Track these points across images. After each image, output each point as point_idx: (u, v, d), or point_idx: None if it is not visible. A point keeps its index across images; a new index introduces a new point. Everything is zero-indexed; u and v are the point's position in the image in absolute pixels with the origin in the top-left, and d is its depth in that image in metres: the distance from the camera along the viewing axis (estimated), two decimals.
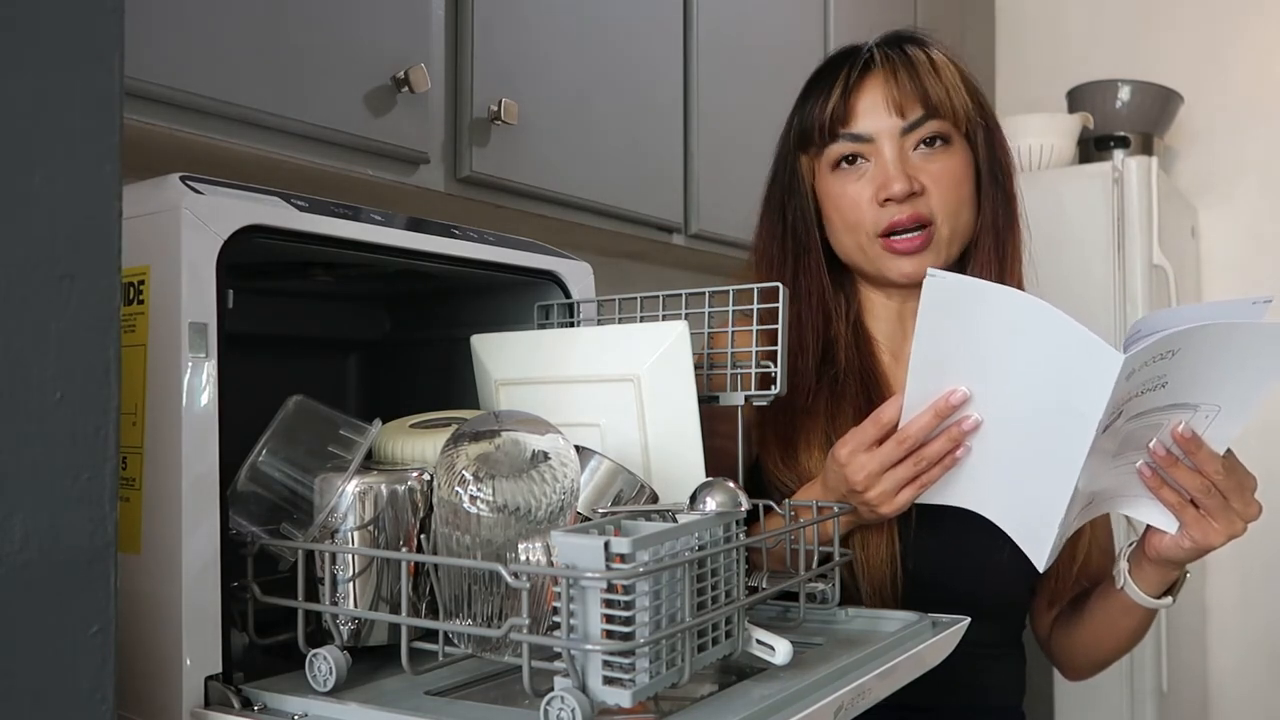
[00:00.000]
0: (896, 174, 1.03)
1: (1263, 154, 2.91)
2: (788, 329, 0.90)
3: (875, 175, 1.05)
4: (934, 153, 1.06)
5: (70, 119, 0.50)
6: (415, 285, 1.07)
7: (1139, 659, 2.40)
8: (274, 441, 0.80)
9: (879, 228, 1.05)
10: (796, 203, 1.11)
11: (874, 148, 1.05)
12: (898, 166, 1.04)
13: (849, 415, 1.06)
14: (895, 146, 1.05)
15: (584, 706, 0.60)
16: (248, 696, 0.71)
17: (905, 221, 1.04)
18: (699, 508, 0.76)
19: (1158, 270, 2.48)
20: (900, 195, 1.03)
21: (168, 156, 1.07)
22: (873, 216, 1.05)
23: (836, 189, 1.08)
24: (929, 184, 1.05)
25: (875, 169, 1.05)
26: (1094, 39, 3.09)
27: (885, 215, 1.04)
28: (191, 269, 0.72)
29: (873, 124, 1.05)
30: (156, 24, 0.98)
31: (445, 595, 0.74)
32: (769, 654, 0.73)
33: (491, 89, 1.33)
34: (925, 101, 1.05)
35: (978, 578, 1.06)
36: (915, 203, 1.04)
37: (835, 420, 1.07)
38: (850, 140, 1.06)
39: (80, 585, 0.50)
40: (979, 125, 1.08)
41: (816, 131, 1.08)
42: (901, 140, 1.05)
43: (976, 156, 1.09)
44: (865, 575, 1.02)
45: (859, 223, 1.06)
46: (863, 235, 1.07)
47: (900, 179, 1.03)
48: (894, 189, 1.03)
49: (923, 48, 1.08)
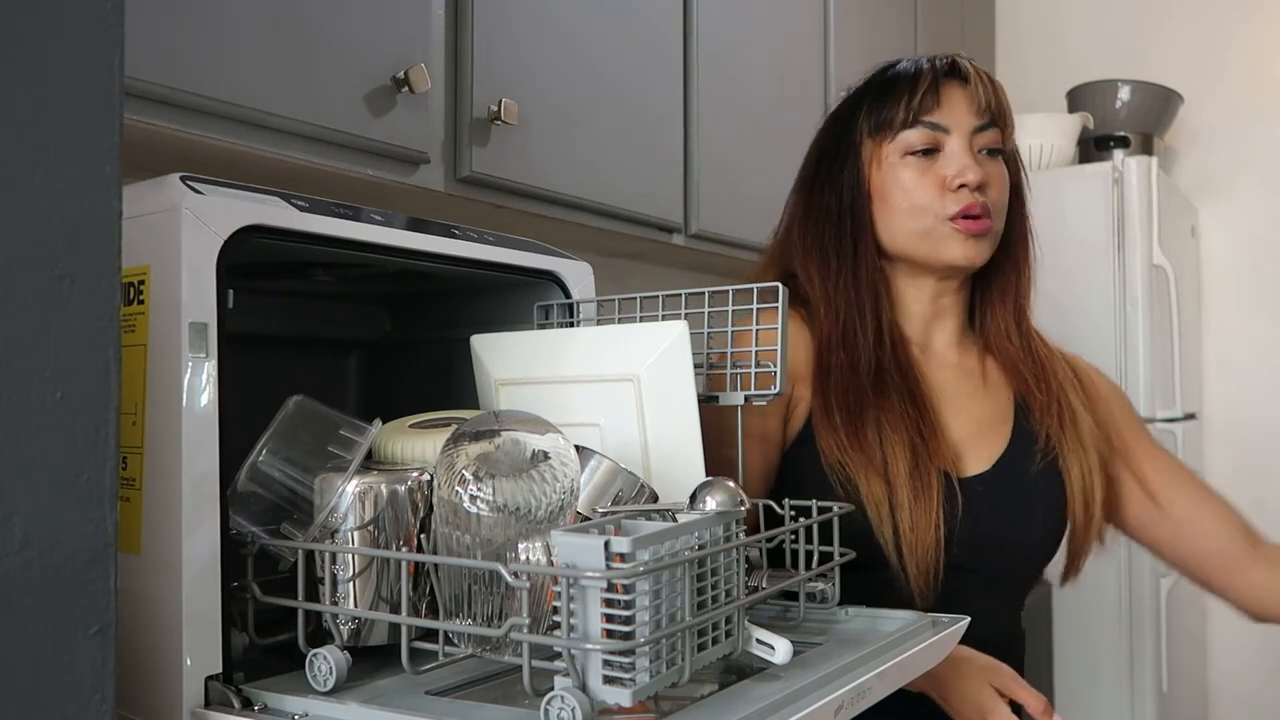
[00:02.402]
0: (973, 164, 1.12)
1: (1263, 154, 2.91)
2: (786, 329, 0.91)
3: (950, 163, 1.13)
4: (993, 159, 1.16)
5: (70, 119, 0.50)
6: (415, 285, 1.07)
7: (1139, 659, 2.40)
8: (274, 441, 0.80)
9: (951, 211, 1.12)
10: (855, 184, 1.17)
11: (948, 139, 1.14)
12: (970, 159, 1.13)
13: (895, 403, 1.10)
14: (966, 142, 1.14)
15: (584, 706, 0.60)
16: (248, 696, 0.71)
17: (977, 207, 1.12)
18: (699, 507, 0.76)
19: (1158, 270, 2.48)
20: (975, 183, 1.11)
21: (168, 156, 1.07)
22: (944, 199, 1.12)
23: (906, 174, 1.14)
24: (989, 183, 1.14)
25: (949, 158, 1.13)
26: (1094, 39, 3.09)
27: (960, 199, 1.12)
28: (191, 269, 0.72)
29: (952, 118, 1.14)
30: (156, 24, 0.98)
31: (445, 595, 0.74)
32: (769, 653, 0.73)
33: (491, 89, 1.33)
34: (996, 110, 1.15)
35: (1015, 559, 1.14)
36: (983, 194, 1.13)
37: (883, 408, 1.10)
38: (929, 128, 1.14)
39: (80, 585, 0.50)
40: (1014, 145, 1.20)
41: (900, 116, 1.14)
42: (971, 139, 1.14)
43: (1012, 172, 1.19)
44: (912, 556, 1.06)
45: (929, 205, 1.13)
46: (930, 217, 1.13)
47: (976, 170, 1.12)
48: (970, 176, 1.11)
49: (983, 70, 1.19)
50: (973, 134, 1.14)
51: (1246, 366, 2.91)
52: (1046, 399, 1.17)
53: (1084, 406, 1.19)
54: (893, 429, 1.09)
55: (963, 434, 1.15)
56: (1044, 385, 1.17)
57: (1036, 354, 1.20)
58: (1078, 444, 1.16)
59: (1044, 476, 1.15)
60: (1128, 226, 2.47)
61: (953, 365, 1.19)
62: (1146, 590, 2.41)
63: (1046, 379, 1.18)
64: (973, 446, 1.15)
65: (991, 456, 1.15)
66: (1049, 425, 1.16)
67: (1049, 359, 1.20)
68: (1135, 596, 2.42)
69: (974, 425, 1.16)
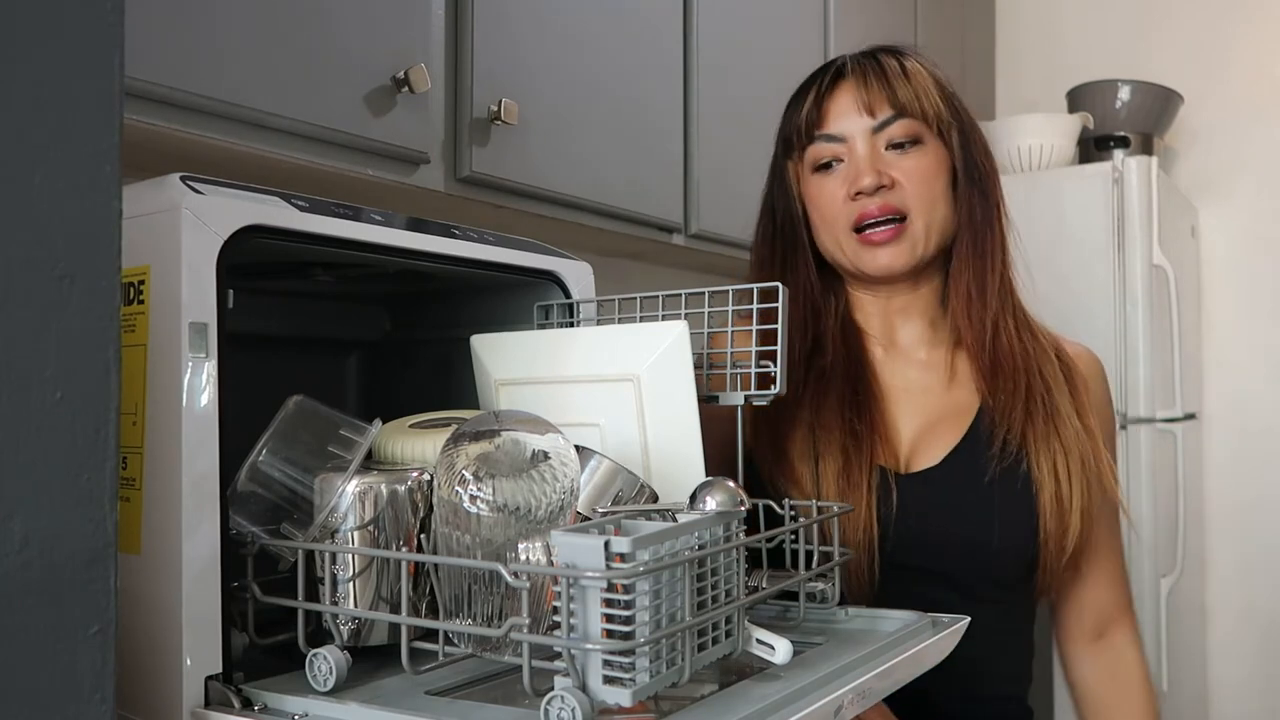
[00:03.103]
0: (866, 169, 1.08)
1: (1263, 154, 2.91)
2: (787, 329, 0.91)
3: (848, 172, 1.10)
4: (906, 152, 1.10)
5: (70, 119, 0.50)
6: (415, 285, 1.07)
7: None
8: (274, 441, 0.80)
9: (851, 221, 1.10)
10: (785, 206, 1.17)
11: (848, 148, 1.11)
12: (867, 162, 1.09)
13: (833, 405, 1.10)
14: (867, 145, 1.10)
15: (584, 706, 0.60)
16: (248, 696, 0.71)
17: (875, 213, 1.08)
18: (699, 507, 0.76)
19: (1158, 270, 2.48)
20: (869, 188, 1.08)
21: (168, 156, 1.07)
22: (846, 211, 1.10)
23: (815, 189, 1.13)
24: (901, 179, 1.09)
25: (848, 166, 1.10)
26: (1094, 39, 3.09)
27: (856, 208, 1.09)
28: (191, 269, 0.72)
29: (845, 125, 1.11)
30: (156, 24, 0.98)
31: (445, 595, 0.74)
32: (769, 653, 0.73)
33: (491, 89, 1.33)
34: (894, 103, 1.10)
35: (974, 562, 1.09)
36: (886, 196, 1.09)
37: (820, 411, 1.10)
38: (825, 141, 1.12)
39: (80, 585, 0.50)
40: (952, 126, 1.12)
41: (795, 135, 1.14)
42: (873, 139, 1.10)
43: (953, 157, 1.13)
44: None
45: (835, 218, 1.11)
46: (839, 230, 1.11)
47: (869, 173, 1.08)
48: (863, 182, 1.08)
49: (896, 56, 1.13)
50: (873, 134, 1.10)
51: (1246, 366, 2.91)
52: (1009, 400, 1.10)
53: (1075, 409, 1.13)
54: (825, 432, 1.08)
55: (915, 430, 1.13)
56: (1008, 385, 1.11)
57: (1003, 350, 1.12)
58: (1056, 448, 1.09)
59: (1006, 479, 1.09)
60: (1128, 226, 2.47)
61: (920, 361, 1.17)
62: (1146, 590, 2.40)
63: (1013, 377, 1.11)
64: (925, 442, 1.12)
65: (942, 452, 1.11)
66: (1008, 427, 1.10)
67: (1025, 355, 1.13)
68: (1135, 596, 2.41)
69: (928, 421, 1.13)
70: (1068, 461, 1.09)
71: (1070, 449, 1.10)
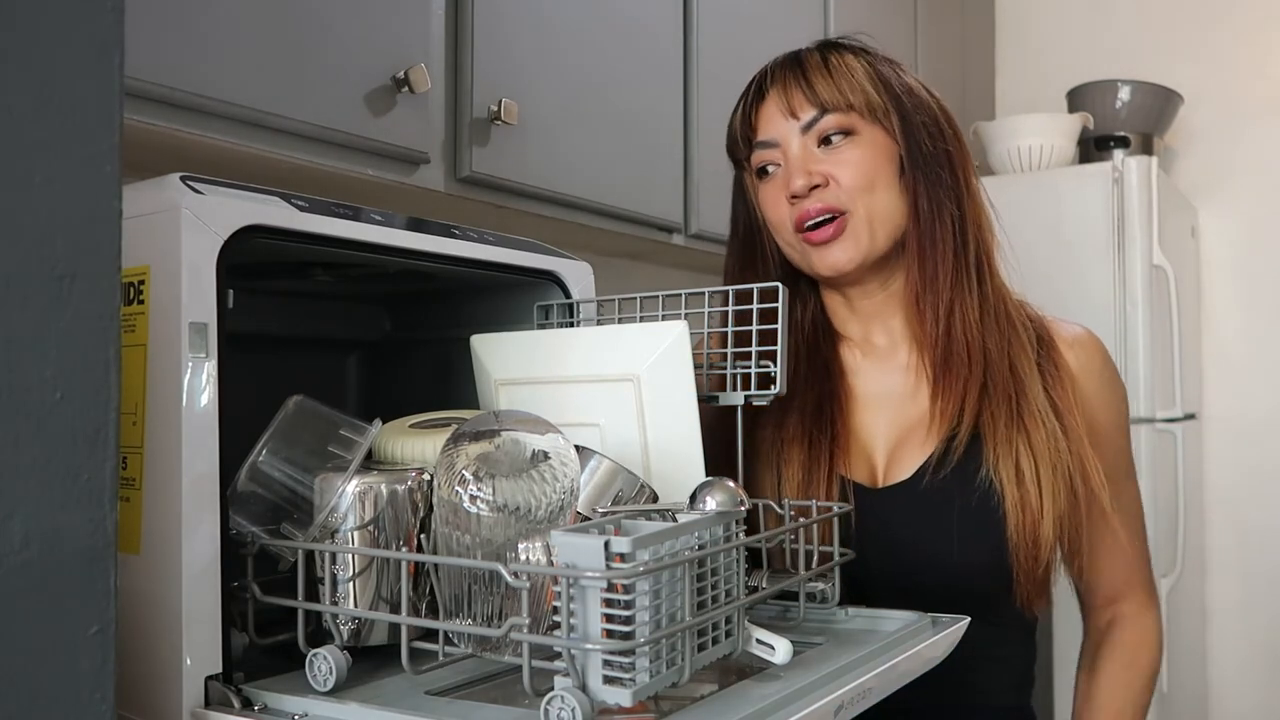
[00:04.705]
0: (796, 170, 1.07)
1: (1263, 154, 2.91)
2: (787, 329, 0.91)
3: (783, 176, 1.09)
4: (839, 145, 1.08)
5: (70, 119, 0.50)
6: (415, 285, 1.07)
7: None
8: (274, 441, 0.80)
9: (794, 223, 1.09)
10: (745, 216, 1.17)
11: (781, 152, 1.10)
12: (798, 164, 1.08)
13: (795, 416, 1.08)
14: (799, 146, 1.09)
15: (584, 706, 0.60)
16: (248, 696, 0.71)
17: (813, 213, 1.07)
18: (699, 507, 0.76)
19: (1158, 270, 2.48)
20: (801, 190, 1.07)
21: (168, 156, 1.07)
22: (787, 214, 1.09)
23: (762, 197, 1.13)
24: (835, 173, 1.07)
25: (784, 170, 1.10)
26: (1094, 39, 3.09)
27: (796, 210, 1.08)
28: (191, 269, 0.72)
29: (773, 130, 1.10)
30: (156, 24, 0.98)
31: (445, 595, 0.74)
32: (769, 653, 0.73)
33: (491, 89, 1.33)
34: (814, 100, 1.08)
35: (943, 578, 1.04)
36: (822, 195, 1.07)
37: (783, 423, 1.09)
38: (760, 148, 1.11)
39: (80, 585, 0.50)
40: (890, 113, 1.09)
41: (734, 147, 1.15)
42: (804, 140, 1.09)
43: (896, 144, 1.09)
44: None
45: (781, 222, 1.11)
46: (786, 234, 1.11)
47: (799, 174, 1.07)
48: (795, 185, 1.07)
49: (822, 51, 1.11)
50: (802, 134, 1.08)
51: (1246, 366, 2.91)
52: (959, 397, 1.05)
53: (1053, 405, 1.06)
54: (787, 444, 1.07)
55: (893, 439, 1.10)
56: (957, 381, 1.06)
57: (956, 341, 1.07)
58: (1021, 450, 1.03)
59: (962, 487, 1.03)
60: (1128, 226, 2.47)
61: (901, 365, 1.13)
62: None
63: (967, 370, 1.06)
64: (903, 451, 1.09)
65: (918, 461, 1.07)
66: (958, 426, 1.04)
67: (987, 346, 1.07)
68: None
69: (908, 428, 1.10)
70: (1035, 465, 1.02)
71: (1039, 452, 1.03)
